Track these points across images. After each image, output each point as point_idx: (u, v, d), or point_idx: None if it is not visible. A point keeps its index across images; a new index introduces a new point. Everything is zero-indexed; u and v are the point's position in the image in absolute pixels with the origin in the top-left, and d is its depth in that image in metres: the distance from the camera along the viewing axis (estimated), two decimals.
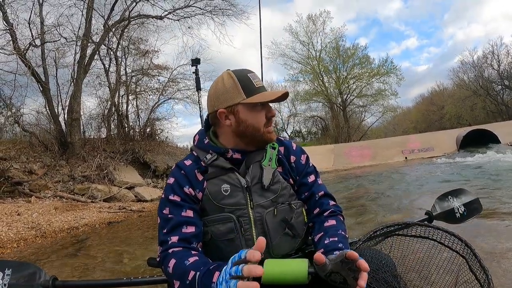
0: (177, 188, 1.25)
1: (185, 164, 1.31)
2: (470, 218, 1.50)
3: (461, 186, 6.34)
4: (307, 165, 1.41)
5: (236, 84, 1.25)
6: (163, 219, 1.23)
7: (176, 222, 1.19)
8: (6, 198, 8.66)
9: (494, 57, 32.90)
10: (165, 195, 1.27)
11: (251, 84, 1.26)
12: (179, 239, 1.17)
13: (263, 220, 1.24)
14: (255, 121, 1.27)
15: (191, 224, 1.20)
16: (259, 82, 1.28)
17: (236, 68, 1.32)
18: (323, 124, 36.50)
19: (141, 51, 16.28)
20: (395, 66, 32.29)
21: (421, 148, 17.97)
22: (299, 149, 1.44)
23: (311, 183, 1.38)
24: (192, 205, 1.24)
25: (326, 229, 1.24)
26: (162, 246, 1.19)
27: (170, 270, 1.09)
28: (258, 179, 1.27)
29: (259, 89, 1.26)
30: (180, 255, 1.12)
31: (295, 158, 1.39)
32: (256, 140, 1.30)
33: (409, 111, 46.18)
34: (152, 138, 15.20)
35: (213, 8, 15.43)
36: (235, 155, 1.30)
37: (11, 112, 12.57)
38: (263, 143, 1.31)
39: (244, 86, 1.25)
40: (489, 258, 2.59)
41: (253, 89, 1.25)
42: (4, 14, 11.05)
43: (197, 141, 1.38)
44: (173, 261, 1.10)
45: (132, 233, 6.05)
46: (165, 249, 1.16)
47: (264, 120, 1.28)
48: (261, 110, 1.27)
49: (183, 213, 1.21)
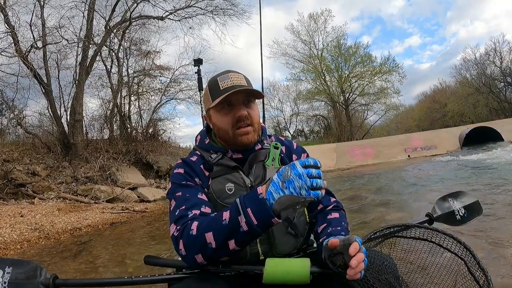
0: (188, 176, 1.25)
1: (191, 160, 1.32)
2: (470, 220, 1.50)
3: (463, 184, 6.34)
4: None
5: (207, 90, 1.31)
6: (179, 199, 1.19)
7: (195, 201, 1.17)
8: (10, 200, 8.70)
9: (496, 54, 32.79)
10: (175, 182, 1.25)
11: (216, 87, 1.26)
12: (200, 214, 1.14)
13: None
14: (222, 124, 1.28)
15: (208, 206, 1.18)
16: (227, 82, 1.25)
17: (234, 69, 1.33)
18: (325, 123, 36.47)
19: (143, 52, 16.34)
20: (397, 64, 32.29)
21: (424, 146, 17.89)
22: (300, 148, 1.45)
23: None
24: (205, 192, 1.24)
25: (329, 221, 1.24)
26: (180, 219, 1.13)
27: (194, 232, 1.05)
28: (261, 178, 1.27)
29: (224, 91, 1.23)
30: (202, 218, 1.10)
31: (296, 157, 1.40)
32: (230, 143, 1.30)
33: (412, 109, 46.04)
34: (155, 139, 15.23)
35: (214, 8, 15.48)
36: (235, 155, 1.31)
37: (14, 114, 12.64)
38: (238, 145, 1.29)
39: (211, 90, 1.28)
40: (490, 258, 2.58)
41: (218, 92, 1.25)
42: (6, 17, 11.10)
43: (199, 141, 1.40)
44: (196, 223, 1.08)
45: (135, 234, 6.06)
46: (185, 221, 1.11)
47: (230, 121, 1.26)
48: (228, 112, 1.26)
49: (199, 195, 1.20)
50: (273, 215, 0.97)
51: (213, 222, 1.05)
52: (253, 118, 1.28)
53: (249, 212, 0.99)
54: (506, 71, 32.39)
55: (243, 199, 1.03)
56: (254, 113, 1.30)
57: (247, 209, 1.00)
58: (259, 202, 0.99)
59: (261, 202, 0.98)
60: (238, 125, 1.25)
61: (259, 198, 0.99)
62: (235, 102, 1.25)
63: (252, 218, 0.99)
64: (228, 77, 1.27)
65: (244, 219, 0.99)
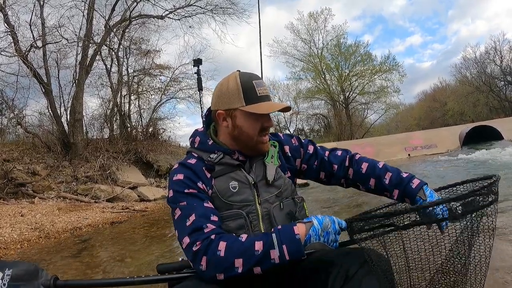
0: (190, 182, 1.22)
1: (190, 163, 1.29)
2: None
3: None
4: (301, 143, 1.48)
5: (238, 89, 1.25)
6: (185, 208, 1.17)
7: (203, 211, 1.16)
8: (10, 199, 8.70)
9: (496, 53, 32.70)
10: (177, 190, 1.22)
11: (253, 92, 1.25)
12: (216, 226, 1.13)
13: (271, 214, 1.26)
14: (249, 129, 1.28)
15: (215, 214, 1.18)
16: (263, 91, 1.27)
17: (235, 68, 1.34)
18: (325, 122, 36.43)
19: (143, 51, 16.32)
20: (397, 63, 32.21)
21: (424, 145, 17.86)
22: (286, 136, 1.50)
23: (313, 152, 1.46)
24: (209, 198, 1.23)
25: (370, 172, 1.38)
26: (196, 232, 1.11)
27: (221, 253, 1.05)
28: (262, 175, 1.30)
29: (260, 98, 1.25)
30: (228, 237, 1.10)
31: (288, 146, 1.45)
32: (248, 148, 1.31)
33: (412, 108, 46.00)
34: (155, 138, 15.23)
35: (214, 7, 15.44)
36: (241, 157, 1.32)
37: (14, 113, 12.64)
38: (255, 152, 1.32)
39: (246, 92, 1.25)
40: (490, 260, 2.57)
41: (254, 97, 1.25)
42: (5, 16, 11.09)
43: (198, 143, 1.36)
44: (224, 243, 1.07)
45: (135, 233, 6.06)
46: (206, 236, 1.09)
47: (259, 129, 1.28)
48: (258, 119, 1.27)
49: (206, 204, 1.19)
50: (304, 255, 1.06)
51: (245, 250, 1.06)
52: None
53: (284, 248, 1.05)
54: (506, 70, 32.35)
55: (279, 234, 1.07)
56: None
57: (283, 246, 1.05)
58: (296, 242, 1.05)
59: (298, 242, 1.05)
60: (263, 134, 1.30)
61: (296, 238, 1.06)
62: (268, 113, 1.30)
63: (286, 254, 1.05)
64: (262, 84, 1.28)
65: (278, 254, 1.05)
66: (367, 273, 1.02)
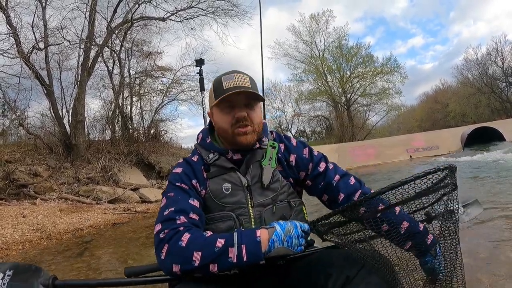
0: (185, 178, 1.28)
1: (192, 160, 1.35)
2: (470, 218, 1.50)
3: (465, 184, 6.32)
4: (312, 157, 1.41)
5: (212, 88, 1.34)
6: (170, 199, 1.23)
7: (184, 206, 1.19)
8: (12, 201, 8.72)
9: (498, 54, 32.61)
10: (172, 181, 1.29)
11: (220, 86, 1.28)
12: (188, 221, 1.16)
13: (262, 217, 1.26)
14: (222, 122, 1.31)
15: (196, 213, 1.20)
16: (230, 83, 1.27)
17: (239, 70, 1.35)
18: (327, 124, 36.42)
19: (144, 53, 16.34)
20: (398, 65, 32.17)
21: (425, 146, 17.85)
22: (300, 145, 1.44)
23: (323, 171, 1.38)
24: (199, 197, 1.26)
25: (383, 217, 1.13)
26: (168, 222, 1.15)
27: (183, 244, 1.07)
28: (258, 178, 1.30)
29: (226, 90, 1.26)
30: (194, 231, 1.12)
31: (296, 155, 1.40)
32: (228, 141, 1.33)
33: (414, 109, 45.95)
34: (157, 140, 15.25)
35: (215, 9, 15.46)
36: (235, 156, 1.33)
37: (16, 115, 12.63)
38: (236, 145, 1.32)
39: (215, 89, 1.30)
40: (491, 258, 2.57)
41: (221, 91, 1.27)
42: (8, 18, 11.11)
43: (200, 139, 1.42)
44: (188, 235, 1.09)
45: (137, 234, 6.06)
46: (175, 227, 1.12)
47: (230, 121, 1.29)
48: (229, 112, 1.29)
49: (190, 201, 1.22)
50: (262, 259, 1.05)
51: (206, 244, 1.06)
52: (253, 119, 1.30)
53: (243, 248, 1.05)
54: (508, 71, 32.27)
55: (241, 234, 1.08)
56: (255, 114, 1.32)
57: (242, 246, 1.05)
58: (255, 244, 1.06)
59: (257, 244, 1.05)
60: (237, 125, 1.28)
61: (256, 240, 1.06)
62: (236, 103, 1.28)
63: (244, 255, 1.04)
64: (232, 77, 1.29)
65: (236, 253, 1.04)
66: (369, 274, 1.02)
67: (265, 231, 1.09)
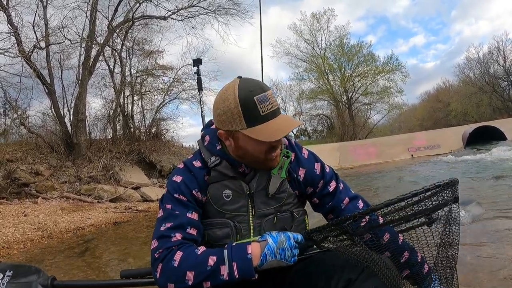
0: (184, 188, 1.19)
1: (193, 165, 1.24)
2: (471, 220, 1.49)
3: (466, 184, 6.30)
4: (324, 174, 1.30)
5: (237, 109, 1.09)
6: (167, 212, 1.17)
7: (181, 221, 1.15)
8: (13, 199, 8.73)
9: (500, 53, 32.51)
10: (170, 191, 1.20)
11: (255, 111, 1.08)
12: (183, 237, 1.13)
13: (262, 227, 1.22)
14: (255, 150, 1.15)
15: (195, 227, 1.16)
16: (267, 106, 1.09)
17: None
18: (328, 123, 36.39)
19: (146, 52, 16.35)
20: (400, 63, 32.17)
21: (427, 145, 17.85)
22: (312, 158, 1.33)
23: (333, 191, 1.29)
24: (198, 208, 1.20)
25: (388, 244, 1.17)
26: (163, 239, 1.12)
27: (175, 264, 1.06)
28: (263, 186, 1.22)
29: (265, 117, 1.09)
30: (187, 248, 1.10)
31: (306, 170, 1.29)
32: (255, 165, 1.22)
33: (415, 108, 45.86)
34: (158, 138, 15.24)
35: (216, 8, 15.43)
36: (247, 171, 1.25)
37: (17, 114, 12.66)
38: (263, 168, 1.22)
39: (247, 112, 1.08)
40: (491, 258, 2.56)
41: (257, 117, 1.08)
42: (9, 17, 11.11)
43: (207, 142, 1.27)
44: (180, 253, 1.08)
45: (138, 233, 6.07)
46: (168, 246, 1.10)
47: (265, 149, 1.15)
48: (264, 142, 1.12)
49: (188, 214, 1.16)
50: (254, 275, 1.05)
51: (198, 263, 1.06)
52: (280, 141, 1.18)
53: (234, 266, 1.04)
54: (510, 70, 32.16)
55: (232, 251, 1.07)
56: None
57: (233, 263, 1.04)
58: (246, 261, 1.05)
59: (248, 262, 1.05)
60: (271, 152, 1.16)
61: (247, 257, 1.05)
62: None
63: (235, 272, 1.04)
64: (266, 98, 1.09)
65: (227, 270, 1.04)
66: (370, 276, 1.01)
67: (256, 246, 1.07)
